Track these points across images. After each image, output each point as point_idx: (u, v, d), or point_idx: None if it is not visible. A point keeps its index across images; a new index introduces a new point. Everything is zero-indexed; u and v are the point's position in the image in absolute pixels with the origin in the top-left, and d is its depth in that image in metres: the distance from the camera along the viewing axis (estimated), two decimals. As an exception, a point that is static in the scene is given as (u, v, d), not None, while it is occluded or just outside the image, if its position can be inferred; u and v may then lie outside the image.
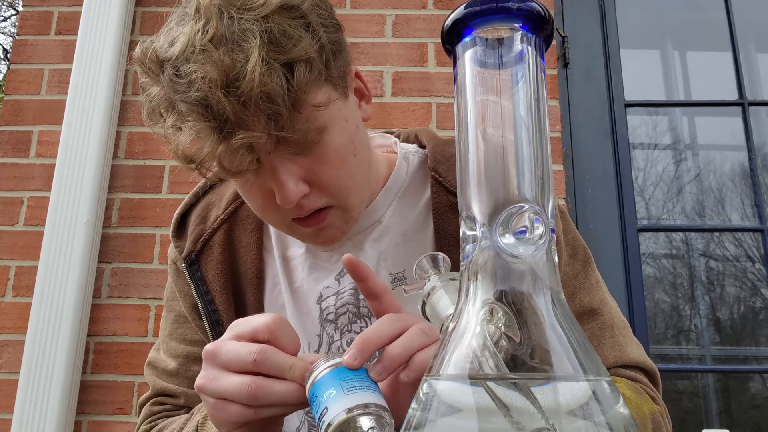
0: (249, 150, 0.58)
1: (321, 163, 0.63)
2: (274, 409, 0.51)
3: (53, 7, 1.92)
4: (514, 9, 0.30)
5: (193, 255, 0.77)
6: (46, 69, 1.87)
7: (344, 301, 0.74)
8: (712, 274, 2.00)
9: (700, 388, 1.93)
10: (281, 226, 0.69)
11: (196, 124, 0.57)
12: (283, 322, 0.52)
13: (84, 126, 1.74)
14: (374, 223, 0.76)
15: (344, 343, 0.74)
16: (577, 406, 0.26)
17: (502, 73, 0.31)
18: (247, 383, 0.49)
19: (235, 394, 0.49)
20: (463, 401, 0.27)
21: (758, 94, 1.98)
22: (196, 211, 0.81)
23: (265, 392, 0.49)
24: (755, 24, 2.04)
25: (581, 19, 1.95)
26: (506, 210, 0.29)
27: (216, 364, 0.51)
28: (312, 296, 0.76)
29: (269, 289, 0.78)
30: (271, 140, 0.58)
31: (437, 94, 1.83)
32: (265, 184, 0.63)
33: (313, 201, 0.64)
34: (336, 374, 0.47)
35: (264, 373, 0.49)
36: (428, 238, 0.74)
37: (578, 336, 0.29)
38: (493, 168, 0.30)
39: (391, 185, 0.77)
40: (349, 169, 0.65)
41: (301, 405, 0.50)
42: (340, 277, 0.76)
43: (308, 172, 0.62)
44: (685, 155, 2.05)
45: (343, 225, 0.69)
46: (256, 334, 0.51)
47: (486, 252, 0.29)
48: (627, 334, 0.76)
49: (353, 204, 0.68)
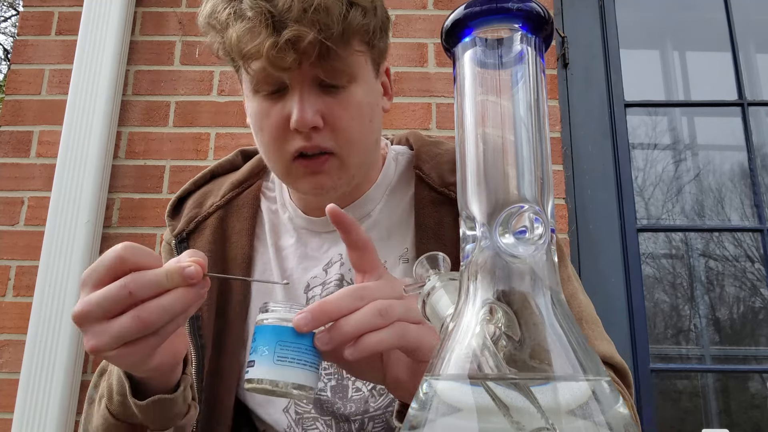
0: (294, 49, 0.63)
1: (341, 107, 0.68)
2: (177, 320, 0.49)
3: (54, 7, 1.92)
4: (514, 9, 0.30)
5: (184, 234, 0.80)
6: (46, 69, 1.87)
7: (329, 292, 0.76)
8: (712, 274, 2.00)
9: (699, 388, 1.93)
10: (282, 162, 0.71)
11: (254, 17, 0.62)
12: (130, 245, 0.50)
13: (84, 126, 1.74)
14: (364, 217, 0.79)
15: None
16: (576, 406, 0.26)
17: (502, 73, 0.31)
18: (136, 316, 0.47)
19: (131, 331, 0.47)
20: (463, 401, 0.27)
21: (758, 94, 1.98)
22: (194, 197, 0.84)
23: (157, 313, 0.47)
24: (755, 24, 2.04)
25: (581, 20, 1.95)
26: (506, 210, 0.29)
27: (95, 320, 0.48)
28: (300, 286, 0.78)
29: (259, 276, 0.80)
30: (315, 48, 0.63)
31: (437, 95, 1.83)
32: (284, 108, 0.68)
33: (321, 139, 0.68)
34: (278, 332, 0.49)
35: (145, 298, 0.48)
36: (410, 231, 0.78)
37: (578, 336, 0.29)
38: (492, 168, 0.30)
39: (381, 182, 0.81)
40: (362, 127, 0.71)
41: (198, 301, 0.50)
42: (327, 268, 0.78)
43: (328, 111, 0.68)
44: (684, 155, 2.05)
45: (337, 177, 0.71)
46: (114, 270, 0.49)
47: (486, 252, 0.29)
48: (597, 329, 0.78)
49: (352, 162, 0.72)
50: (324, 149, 0.69)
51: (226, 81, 1.87)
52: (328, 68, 0.66)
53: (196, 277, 0.49)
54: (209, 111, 1.84)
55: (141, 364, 0.51)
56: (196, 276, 0.49)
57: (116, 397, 0.59)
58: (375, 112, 0.74)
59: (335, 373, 0.75)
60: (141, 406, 0.57)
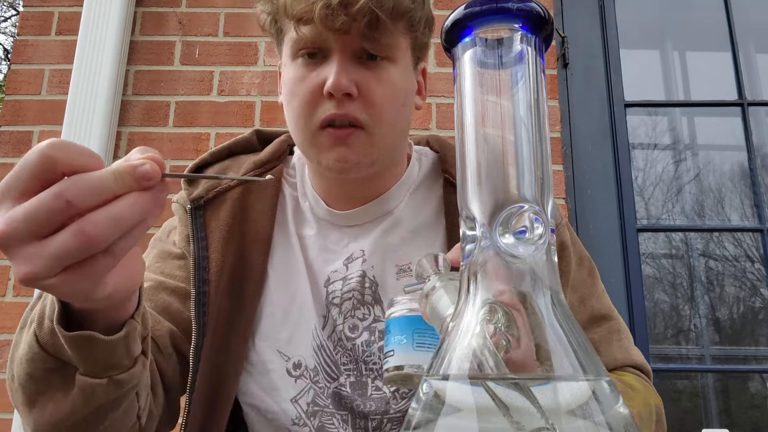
0: (346, 13, 0.64)
1: (377, 81, 0.69)
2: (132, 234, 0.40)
3: (54, 7, 1.92)
4: (514, 9, 0.30)
5: (202, 201, 0.77)
6: (46, 69, 1.87)
7: (350, 287, 0.76)
8: (712, 274, 2.00)
9: (699, 388, 1.93)
10: (310, 130, 0.71)
11: None
12: (59, 141, 0.39)
13: (84, 126, 1.74)
14: (386, 214, 0.79)
15: (346, 328, 0.75)
16: (576, 406, 0.26)
17: (502, 73, 0.31)
18: (79, 230, 0.37)
19: (74, 251, 0.37)
20: (463, 401, 0.27)
21: (757, 94, 1.98)
22: (213, 168, 0.82)
23: (105, 225, 0.37)
24: (755, 24, 2.04)
25: (581, 20, 1.95)
26: (506, 210, 0.29)
27: (25, 241, 0.37)
28: (320, 278, 0.77)
29: (279, 259, 0.78)
30: (365, 16, 0.65)
31: (437, 94, 1.83)
32: (320, 74, 0.69)
33: (353, 108, 0.69)
34: (411, 321, 0.49)
35: (88, 207, 0.38)
36: (440, 235, 0.78)
37: (578, 336, 0.29)
38: (492, 168, 0.30)
39: (405, 180, 0.81)
40: (394, 107, 0.71)
41: (157, 210, 0.40)
42: (348, 263, 0.77)
43: (363, 82, 0.69)
44: (684, 155, 2.05)
45: (363, 154, 0.71)
46: (43, 175, 0.38)
47: (486, 252, 0.29)
48: (630, 339, 0.82)
49: (379, 141, 0.71)
50: (354, 120, 0.69)
51: (226, 81, 1.87)
52: (373, 39, 0.67)
53: (153, 177, 0.39)
54: (209, 111, 1.84)
55: (89, 293, 0.41)
56: (153, 175, 0.39)
57: (47, 323, 0.49)
58: (408, 98, 0.75)
59: (354, 369, 0.74)
60: (68, 338, 0.47)
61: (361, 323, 0.76)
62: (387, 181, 0.79)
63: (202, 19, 1.92)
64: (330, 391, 0.73)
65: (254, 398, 0.74)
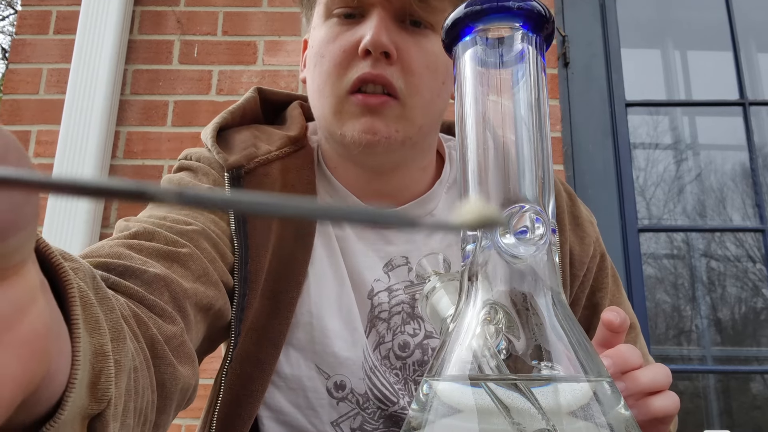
0: None
1: (419, 49, 0.62)
2: None
3: (52, 6, 1.92)
4: (515, 8, 0.30)
5: (242, 170, 0.64)
6: (44, 68, 1.87)
7: (399, 300, 0.67)
8: (713, 274, 1.99)
9: (701, 389, 1.93)
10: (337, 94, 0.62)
11: None
12: None
13: (82, 126, 1.74)
14: (426, 215, 0.71)
15: (395, 346, 0.67)
16: (578, 407, 0.26)
17: (503, 72, 0.31)
18: None
19: None
20: (464, 402, 0.27)
21: (759, 93, 1.98)
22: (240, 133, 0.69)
23: None
24: (756, 23, 2.04)
25: (582, 18, 1.95)
26: (507, 210, 0.29)
27: None
28: (364, 289, 0.67)
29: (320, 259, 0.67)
30: None
31: (437, 94, 1.83)
32: (356, 33, 0.61)
33: (390, 72, 0.61)
34: None
35: None
36: None
37: (579, 336, 0.29)
38: (493, 168, 0.30)
39: (444, 177, 0.73)
40: (433, 82, 0.63)
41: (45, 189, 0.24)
42: (389, 271, 0.68)
43: (403, 47, 0.61)
44: (685, 155, 2.05)
45: (393, 128, 0.62)
46: None
47: (486, 252, 0.29)
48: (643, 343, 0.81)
49: (412, 116, 0.62)
50: (389, 85, 0.60)
51: (225, 80, 1.87)
52: (415, 4, 0.60)
53: None
54: (208, 110, 1.84)
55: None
56: None
57: None
58: (448, 79, 0.65)
59: (408, 391, 0.66)
60: None
61: (412, 340, 0.67)
62: (414, 174, 0.70)
63: (201, 18, 1.91)
64: (387, 413, 0.65)
65: (285, 414, 0.65)
